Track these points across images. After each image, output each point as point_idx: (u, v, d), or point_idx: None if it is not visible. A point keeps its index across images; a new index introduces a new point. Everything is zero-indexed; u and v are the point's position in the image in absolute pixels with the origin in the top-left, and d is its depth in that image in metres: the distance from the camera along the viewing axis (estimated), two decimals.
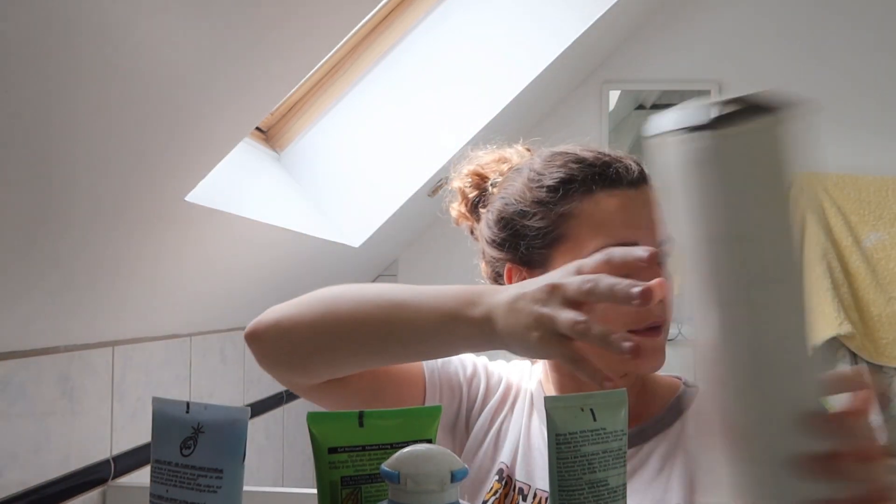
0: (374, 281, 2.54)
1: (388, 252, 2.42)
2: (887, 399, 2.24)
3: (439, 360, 0.95)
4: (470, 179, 0.96)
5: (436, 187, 2.09)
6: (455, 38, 1.95)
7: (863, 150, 2.41)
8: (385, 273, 2.55)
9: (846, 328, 2.16)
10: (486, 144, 0.99)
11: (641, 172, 0.85)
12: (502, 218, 0.88)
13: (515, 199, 0.87)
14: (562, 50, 2.04)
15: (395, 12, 1.91)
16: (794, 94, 0.43)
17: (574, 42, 2.05)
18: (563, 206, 0.83)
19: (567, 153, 0.87)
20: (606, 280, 0.64)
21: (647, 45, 2.51)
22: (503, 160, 0.96)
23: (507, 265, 0.87)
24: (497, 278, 0.90)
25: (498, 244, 0.88)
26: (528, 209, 0.85)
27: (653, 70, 2.51)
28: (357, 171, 1.96)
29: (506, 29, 1.99)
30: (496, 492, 0.87)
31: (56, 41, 0.70)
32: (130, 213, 1.03)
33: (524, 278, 0.83)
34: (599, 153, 0.86)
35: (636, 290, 0.63)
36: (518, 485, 0.87)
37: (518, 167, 0.91)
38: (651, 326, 0.80)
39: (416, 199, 2.02)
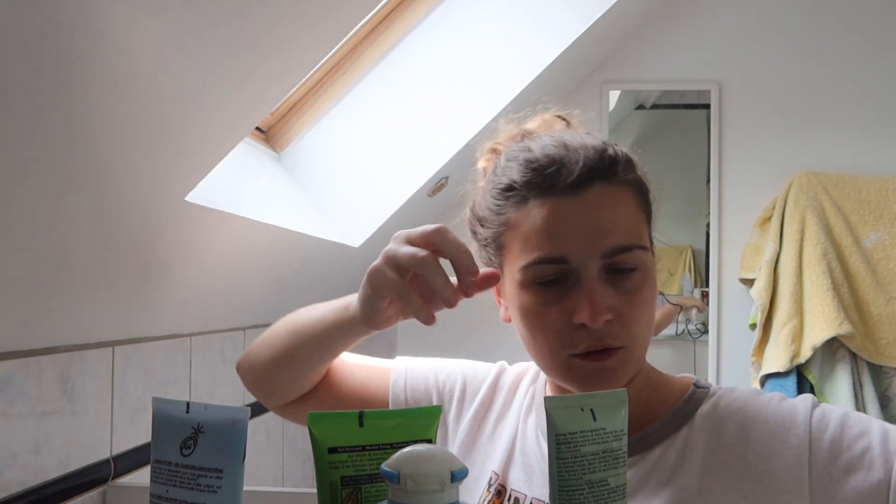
0: None
1: None
2: (887, 399, 2.24)
3: (407, 371, 0.93)
4: (487, 157, 0.87)
5: (436, 187, 2.09)
6: (455, 39, 1.94)
7: (863, 150, 2.41)
8: None
9: (846, 328, 2.16)
10: (521, 110, 0.88)
11: (592, 171, 0.73)
12: (470, 222, 0.84)
13: (477, 202, 0.82)
14: (562, 50, 2.04)
15: (395, 12, 1.91)
16: None
17: (574, 42, 2.05)
18: (503, 216, 0.77)
19: (527, 149, 0.77)
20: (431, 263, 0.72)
21: (647, 45, 2.51)
22: (525, 134, 0.84)
23: None
24: None
25: (477, 246, 0.84)
26: (483, 214, 0.80)
27: (653, 70, 2.51)
28: (357, 171, 1.96)
29: (506, 29, 1.99)
30: (485, 500, 0.84)
31: (56, 41, 0.70)
32: (130, 212, 1.03)
33: (503, 284, 0.80)
34: (549, 150, 0.75)
35: (442, 292, 0.71)
36: (514, 494, 0.82)
37: (496, 159, 0.83)
38: (590, 351, 0.73)
39: (416, 199, 2.02)
